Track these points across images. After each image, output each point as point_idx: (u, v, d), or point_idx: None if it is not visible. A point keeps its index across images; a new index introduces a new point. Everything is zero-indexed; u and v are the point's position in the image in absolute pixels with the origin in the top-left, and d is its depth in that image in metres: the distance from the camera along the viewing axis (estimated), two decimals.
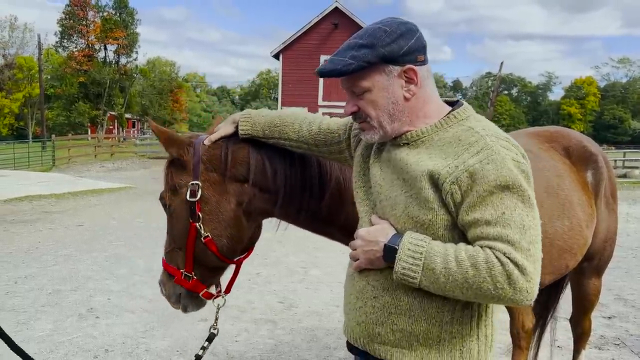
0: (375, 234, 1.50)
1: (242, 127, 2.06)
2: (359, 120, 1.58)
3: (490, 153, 1.37)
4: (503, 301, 1.33)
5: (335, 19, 28.42)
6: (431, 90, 1.54)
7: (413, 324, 1.48)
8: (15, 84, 55.05)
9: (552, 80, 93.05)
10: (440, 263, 1.35)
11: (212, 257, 2.05)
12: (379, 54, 1.44)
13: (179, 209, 2.02)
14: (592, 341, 4.71)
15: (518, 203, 1.34)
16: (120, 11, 55.95)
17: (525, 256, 1.31)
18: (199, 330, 4.87)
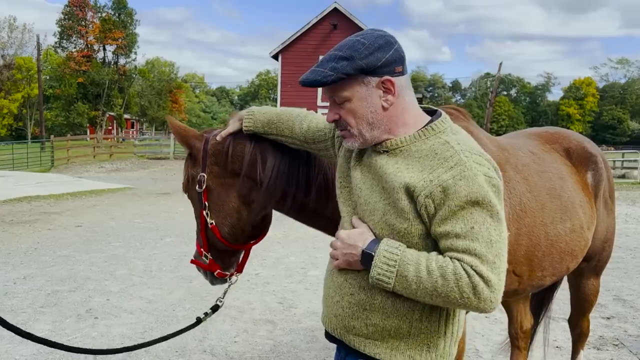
0: (355, 239, 1.58)
1: (246, 124, 2.20)
2: (340, 128, 1.66)
3: (463, 169, 1.44)
4: (468, 308, 1.44)
5: (335, 19, 28.43)
6: (410, 100, 1.61)
7: (385, 320, 1.59)
8: (14, 85, 55.03)
9: (550, 80, 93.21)
10: (412, 271, 1.45)
11: (218, 243, 2.28)
12: (357, 66, 1.52)
13: (194, 197, 2.30)
14: (591, 342, 4.71)
15: (487, 218, 1.43)
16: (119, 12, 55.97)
17: (490, 269, 1.40)
18: (198, 331, 4.87)
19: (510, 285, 2.48)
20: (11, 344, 4.41)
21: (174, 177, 21.25)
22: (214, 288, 6.42)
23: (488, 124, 32.14)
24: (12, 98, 54.27)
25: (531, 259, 2.49)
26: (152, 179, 20.52)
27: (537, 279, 2.58)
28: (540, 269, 2.56)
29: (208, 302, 5.69)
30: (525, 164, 2.63)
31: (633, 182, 21.96)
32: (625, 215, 12.40)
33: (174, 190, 16.57)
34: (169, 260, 7.42)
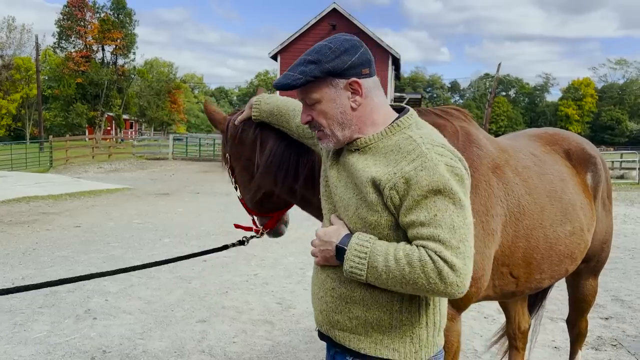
0: (330, 235, 1.66)
1: (253, 113, 2.40)
2: (313, 129, 1.74)
3: (424, 160, 1.51)
4: (437, 294, 1.49)
5: (333, 20, 28.39)
6: (379, 100, 1.69)
7: (367, 312, 1.64)
8: (12, 85, 54.96)
9: (549, 81, 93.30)
10: (381, 262, 1.51)
11: (248, 211, 2.68)
12: (324, 69, 1.60)
13: (226, 171, 2.66)
14: (589, 342, 4.72)
15: (449, 205, 1.48)
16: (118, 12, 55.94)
17: (454, 254, 1.45)
18: (197, 331, 4.87)
19: (507, 287, 2.48)
20: (10, 345, 4.41)
21: (173, 178, 21.25)
22: (212, 288, 6.47)
23: (487, 125, 32.17)
24: (10, 98, 54.20)
25: (529, 261, 2.48)
26: (150, 180, 20.51)
27: (535, 281, 2.58)
28: (539, 272, 2.56)
29: (206, 302, 5.69)
30: (525, 166, 2.63)
31: (631, 183, 21.99)
32: (624, 215, 12.42)
33: (173, 190, 16.57)
34: None
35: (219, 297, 5.92)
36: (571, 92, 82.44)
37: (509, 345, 3.68)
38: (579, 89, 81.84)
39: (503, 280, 2.44)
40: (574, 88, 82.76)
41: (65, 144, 30.73)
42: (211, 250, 2.62)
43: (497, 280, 2.42)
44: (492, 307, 5.61)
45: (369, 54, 1.67)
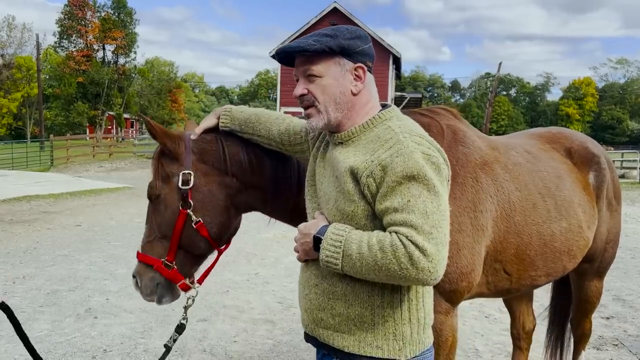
0: (309, 228, 1.66)
1: (223, 120, 2.25)
2: (305, 103, 1.71)
3: (400, 147, 1.53)
4: (410, 281, 1.46)
5: (334, 19, 28.39)
6: (373, 95, 1.74)
7: (349, 308, 1.64)
8: (13, 84, 55.01)
9: (550, 80, 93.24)
10: (355, 249, 1.50)
11: (202, 243, 2.18)
12: (339, 44, 1.63)
13: (169, 196, 2.15)
14: (591, 341, 4.71)
15: (423, 191, 1.48)
16: (118, 11, 55.95)
17: (426, 239, 1.43)
18: (197, 330, 4.87)
19: (501, 283, 2.48)
20: (10, 344, 4.41)
21: None
22: (213, 287, 6.45)
23: (487, 124, 32.16)
24: (11, 97, 54.25)
25: (522, 257, 2.48)
26: None
27: (529, 278, 2.58)
28: (533, 268, 2.55)
29: (207, 301, 5.69)
30: (516, 163, 2.62)
31: (632, 182, 21.97)
32: (625, 215, 12.41)
33: None
34: None
35: (219, 296, 5.92)
36: (572, 92, 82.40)
37: (513, 345, 3.67)
38: (580, 89, 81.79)
39: (496, 276, 2.44)
40: (575, 87, 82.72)
41: (66, 143, 30.75)
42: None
43: (490, 276, 2.42)
44: (493, 307, 5.61)
45: (374, 52, 1.74)
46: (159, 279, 2.17)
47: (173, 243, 2.14)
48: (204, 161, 2.19)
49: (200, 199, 2.15)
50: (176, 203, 2.13)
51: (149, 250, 2.19)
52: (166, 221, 2.15)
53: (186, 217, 2.12)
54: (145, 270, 2.18)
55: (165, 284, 2.18)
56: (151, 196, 2.19)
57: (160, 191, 2.16)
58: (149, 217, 2.22)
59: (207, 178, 2.18)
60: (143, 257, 2.20)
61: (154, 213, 2.20)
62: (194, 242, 2.17)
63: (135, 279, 2.22)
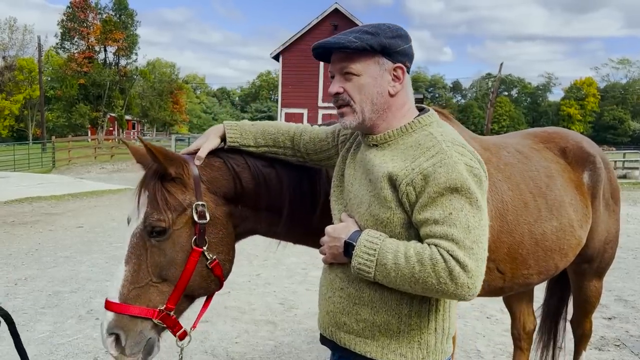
0: (339, 231, 1.62)
1: (231, 135, 2.04)
2: (340, 102, 1.66)
3: (444, 157, 1.48)
4: (447, 295, 1.43)
5: (335, 20, 28.40)
6: (410, 96, 1.69)
7: (375, 314, 1.59)
8: (15, 86, 55.06)
9: (551, 81, 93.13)
10: (391, 259, 1.46)
11: (213, 284, 1.95)
12: (381, 43, 1.58)
13: (182, 232, 1.84)
14: (592, 342, 4.71)
15: (465, 205, 1.44)
16: (120, 13, 56.00)
17: (467, 254, 1.40)
18: (198, 332, 4.87)
19: (494, 282, 2.50)
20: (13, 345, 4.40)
21: None
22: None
23: (489, 125, 32.15)
24: (13, 99, 54.30)
25: (515, 256, 2.51)
26: None
27: (522, 277, 2.59)
28: (525, 267, 2.57)
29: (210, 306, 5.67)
30: (508, 163, 2.65)
31: (634, 182, 21.93)
32: (627, 215, 12.39)
33: None
34: None
35: (221, 298, 5.92)
36: (573, 92, 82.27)
37: (514, 346, 3.66)
38: (582, 89, 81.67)
39: (490, 275, 2.44)
40: (576, 88, 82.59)
41: (67, 145, 30.82)
42: None
43: (485, 275, 2.42)
44: (495, 308, 5.60)
45: (413, 52, 1.69)
46: (150, 333, 1.82)
47: (179, 288, 1.83)
48: (214, 191, 1.95)
49: (215, 235, 1.90)
50: (189, 241, 1.84)
51: (138, 299, 1.80)
52: (173, 262, 1.83)
53: (199, 257, 1.85)
54: (132, 324, 1.79)
55: (156, 337, 1.86)
56: (155, 230, 1.82)
57: (170, 225, 1.82)
58: (137, 256, 1.83)
59: (218, 210, 1.93)
60: (129, 309, 1.79)
61: (152, 252, 1.83)
62: (204, 285, 1.91)
63: (115, 336, 1.79)
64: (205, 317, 5.28)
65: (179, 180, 1.87)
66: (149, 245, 1.83)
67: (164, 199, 1.83)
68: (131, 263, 1.84)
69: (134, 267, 1.83)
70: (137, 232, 1.85)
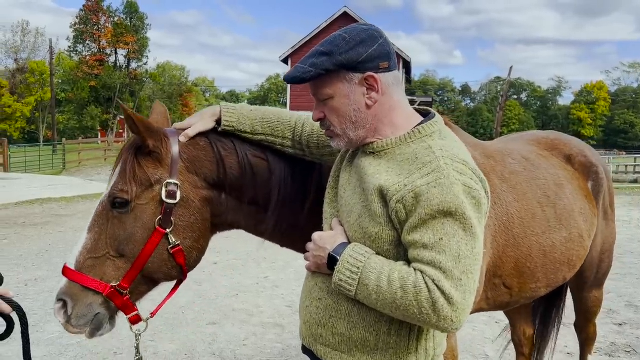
0: (325, 241, 1.52)
1: (227, 119, 1.90)
2: (325, 128, 1.58)
3: (440, 176, 1.35)
4: (429, 326, 1.34)
5: (344, 23, 28.44)
6: (399, 98, 1.54)
7: (351, 329, 1.50)
8: (27, 88, 55.59)
9: (562, 84, 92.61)
10: (374, 280, 1.37)
11: (174, 270, 1.83)
12: (336, 62, 1.45)
13: (146, 209, 1.75)
14: (603, 348, 4.67)
15: (458, 231, 1.32)
16: (130, 16, 56.45)
17: (455, 285, 1.30)
18: (207, 334, 4.88)
19: (501, 298, 2.39)
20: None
21: None
22: (223, 291, 6.48)
23: (498, 128, 31.99)
24: (25, 102, 54.79)
25: (522, 270, 2.37)
26: None
27: (530, 290, 2.48)
28: (534, 281, 2.45)
29: (217, 305, 5.70)
30: (513, 172, 2.50)
31: None
32: (638, 220, 12.26)
33: None
34: None
35: (229, 300, 5.93)
36: (584, 96, 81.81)
37: (517, 352, 3.63)
38: (592, 93, 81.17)
39: (496, 291, 2.34)
40: (587, 91, 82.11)
41: (78, 147, 31.10)
42: None
43: (490, 292, 2.32)
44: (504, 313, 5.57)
45: (389, 46, 1.51)
46: (99, 308, 1.76)
47: (136, 267, 1.74)
48: (194, 171, 1.83)
49: (184, 218, 1.78)
50: (152, 219, 1.74)
51: (93, 270, 1.74)
52: (132, 238, 1.75)
53: (161, 238, 1.74)
54: (82, 294, 1.75)
55: (107, 313, 1.78)
56: (116, 201, 1.75)
57: (133, 199, 1.74)
58: (100, 225, 1.78)
59: (195, 192, 1.81)
60: (81, 277, 1.74)
61: (113, 224, 1.76)
62: (163, 270, 1.80)
63: (63, 302, 1.77)
64: (213, 319, 5.31)
65: (155, 154, 1.78)
66: (111, 216, 1.77)
67: (132, 171, 1.76)
68: (93, 232, 1.78)
69: (95, 237, 1.77)
70: (103, 201, 1.80)
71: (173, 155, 1.79)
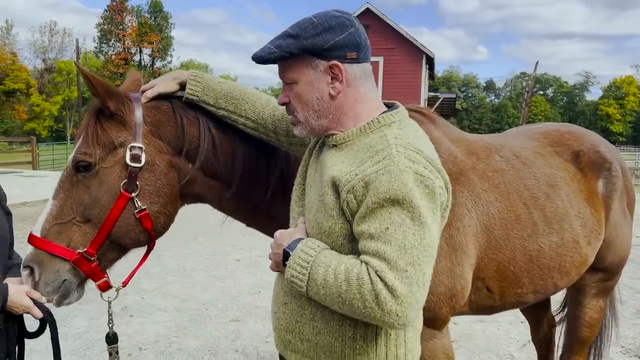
0: (283, 237, 1.47)
1: (192, 87, 1.84)
2: (289, 112, 1.54)
3: (389, 163, 1.29)
4: (375, 321, 1.27)
5: (367, 20, 28.28)
6: (366, 90, 1.48)
7: (317, 335, 1.46)
8: (54, 88, 56.78)
9: (589, 79, 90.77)
10: (321, 274, 1.32)
11: (141, 235, 1.82)
12: (301, 46, 1.40)
13: (110, 172, 1.73)
14: (632, 349, 4.56)
15: (406, 220, 1.26)
16: (155, 15, 57.16)
17: (399, 277, 1.23)
18: (230, 330, 4.91)
19: (484, 302, 2.30)
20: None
21: None
22: (246, 288, 6.51)
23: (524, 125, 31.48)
24: (53, 100, 56.01)
25: (505, 274, 2.26)
26: None
27: (514, 295, 2.35)
28: (518, 286, 2.32)
29: (239, 302, 5.73)
30: (497, 170, 2.35)
31: None
32: None
33: None
34: (202, 260, 7.51)
35: (252, 297, 5.96)
36: (612, 91, 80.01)
37: (537, 354, 3.54)
38: (621, 88, 79.34)
39: (478, 294, 2.25)
40: (616, 86, 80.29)
41: None
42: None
43: (472, 295, 2.22)
44: None
45: (361, 36, 1.45)
46: (66, 275, 1.73)
47: (102, 232, 1.72)
48: (158, 135, 1.79)
49: (150, 183, 1.75)
50: (117, 183, 1.71)
51: (58, 237, 1.71)
52: (98, 203, 1.71)
53: (127, 203, 1.71)
54: (49, 260, 1.71)
55: (74, 280, 1.76)
56: (80, 165, 1.72)
57: (97, 162, 1.71)
58: (65, 190, 1.75)
59: (160, 157, 1.78)
60: (47, 244, 1.70)
61: (78, 188, 1.73)
62: (131, 235, 1.79)
63: (30, 269, 1.73)
64: (236, 316, 5.34)
65: (118, 117, 1.75)
66: (76, 180, 1.74)
67: (95, 134, 1.73)
68: (58, 198, 1.75)
69: (60, 202, 1.74)
70: (68, 166, 1.77)
71: (136, 118, 1.75)
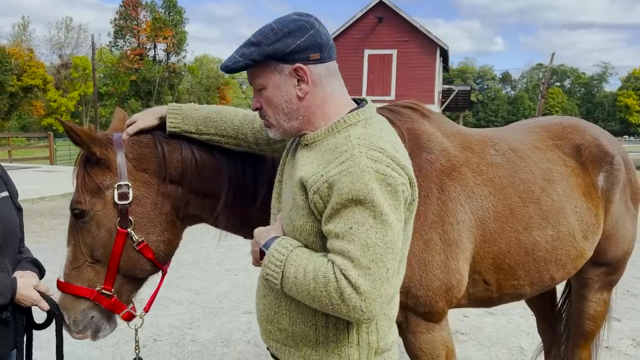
0: (261, 235, 1.53)
1: (172, 120, 1.94)
2: (262, 117, 1.60)
3: (351, 164, 1.34)
4: (343, 316, 1.34)
5: (380, 12, 28.13)
6: (332, 89, 1.53)
7: (293, 325, 1.54)
8: (70, 83, 57.42)
9: (608, 70, 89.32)
10: (292, 273, 1.38)
11: (147, 265, 1.93)
12: (263, 52, 1.45)
13: (103, 214, 1.85)
14: None
15: (368, 219, 1.31)
16: (169, 10, 57.45)
17: (362, 274, 1.29)
18: (243, 322, 4.99)
19: (481, 294, 2.36)
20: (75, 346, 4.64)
21: None
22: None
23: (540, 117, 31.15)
24: (69, 96, 56.65)
25: (501, 267, 2.31)
26: None
27: (511, 287, 2.40)
28: (514, 278, 2.37)
29: (253, 294, 5.78)
30: (492, 164, 2.38)
31: None
32: None
33: None
34: (215, 253, 7.60)
35: None
36: (631, 82, 78.68)
37: (543, 345, 3.54)
38: None
39: (476, 287, 2.30)
40: (635, 77, 78.94)
41: None
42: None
43: (470, 287, 2.28)
44: None
45: (322, 37, 1.50)
46: (92, 312, 1.89)
47: (112, 269, 1.86)
48: (143, 169, 1.89)
49: (142, 215, 1.86)
50: (112, 221, 1.84)
51: (77, 279, 1.87)
52: (100, 243, 1.85)
53: (126, 238, 1.84)
54: (73, 303, 1.88)
55: (101, 315, 1.91)
56: (76, 213, 1.88)
57: (89, 208, 1.85)
58: (73, 237, 1.91)
59: (148, 189, 1.88)
60: (70, 287, 1.87)
61: (82, 233, 1.88)
62: (137, 266, 1.91)
63: (63, 316, 1.90)
64: (248, 308, 5.41)
65: (102, 161, 1.86)
66: (78, 227, 1.89)
67: (83, 182, 1.88)
68: (70, 244, 1.92)
69: (72, 248, 1.91)
70: (70, 215, 1.93)
71: (119, 158, 1.86)
